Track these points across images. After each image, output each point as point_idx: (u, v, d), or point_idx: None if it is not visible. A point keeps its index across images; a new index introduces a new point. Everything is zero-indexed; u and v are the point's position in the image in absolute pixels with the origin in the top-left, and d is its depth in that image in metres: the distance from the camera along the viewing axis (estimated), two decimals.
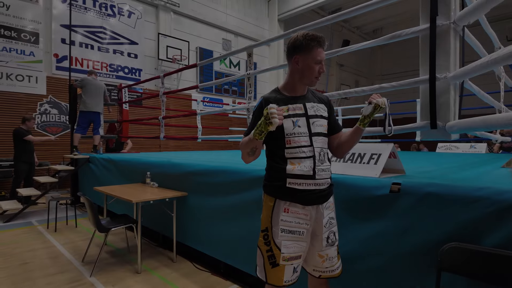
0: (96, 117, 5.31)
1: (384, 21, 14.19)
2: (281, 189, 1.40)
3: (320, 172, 1.40)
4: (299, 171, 1.37)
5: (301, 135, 1.39)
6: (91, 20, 7.86)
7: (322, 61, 1.38)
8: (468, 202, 1.35)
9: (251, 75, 2.97)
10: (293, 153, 1.39)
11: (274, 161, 1.44)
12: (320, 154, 1.41)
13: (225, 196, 2.55)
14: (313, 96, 1.51)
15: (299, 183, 1.37)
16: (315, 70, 1.38)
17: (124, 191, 3.16)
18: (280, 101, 1.42)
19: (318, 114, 1.45)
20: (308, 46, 1.37)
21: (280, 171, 1.40)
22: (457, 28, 1.86)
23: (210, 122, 9.71)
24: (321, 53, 1.37)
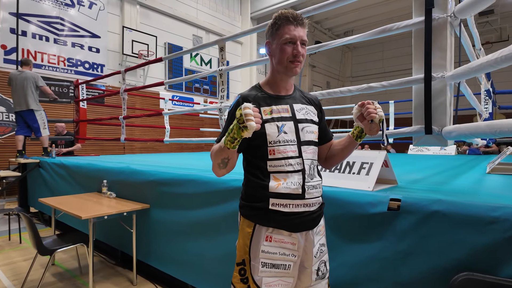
0: (28, 116, 4.52)
1: (354, 23, 14.38)
2: (262, 212, 1.11)
3: (311, 189, 1.13)
4: (285, 189, 1.09)
5: (288, 144, 1.11)
6: (47, 10, 7.13)
7: (295, 40, 1.10)
8: (483, 224, 1.13)
9: (224, 72, 2.66)
10: (277, 166, 1.11)
11: (254, 175, 1.15)
12: (310, 167, 1.15)
13: (194, 210, 2.22)
14: (301, 96, 1.24)
15: (285, 204, 1.10)
16: (286, 51, 1.10)
17: (75, 203, 2.72)
18: (261, 100, 1.15)
19: (308, 119, 1.19)
20: (275, 25, 1.13)
21: (261, 188, 1.11)
22: (454, 23, 1.67)
23: (179, 122, 9.23)
24: (291, 30, 1.10)
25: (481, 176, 2.30)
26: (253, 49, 11.40)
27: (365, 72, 16.57)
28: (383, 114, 1.10)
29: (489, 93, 3.94)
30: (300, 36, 1.10)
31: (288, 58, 1.11)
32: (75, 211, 2.37)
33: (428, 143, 1.72)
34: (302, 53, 1.12)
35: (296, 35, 1.10)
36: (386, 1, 11.60)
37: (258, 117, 0.95)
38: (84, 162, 3.54)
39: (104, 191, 2.98)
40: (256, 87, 1.21)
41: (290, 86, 1.22)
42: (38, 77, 4.61)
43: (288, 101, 1.18)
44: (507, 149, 2.81)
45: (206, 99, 10.41)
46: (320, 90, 15.20)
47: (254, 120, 0.92)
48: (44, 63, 7.02)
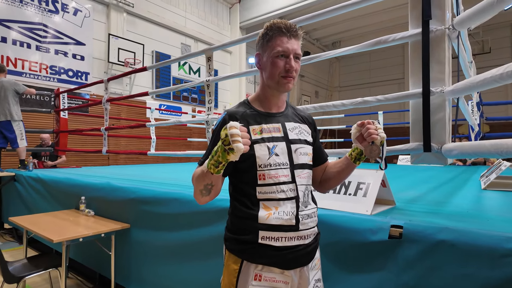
0: (5, 126, 4.23)
1: (342, 34, 14.59)
2: (250, 247, 0.98)
3: (305, 219, 1.01)
4: (276, 220, 0.97)
5: (280, 167, 0.99)
6: (30, 16, 6.89)
7: (287, 53, 0.99)
8: (496, 257, 1.02)
9: (211, 82, 2.54)
10: (268, 192, 0.98)
11: (241, 203, 1.02)
12: (305, 193, 1.03)
13: (177, 231, 2.06)
14: (294, 114, 1.13)
15: (277, 237, 0.97)
16: (278, 66, 0.99)
17: (49, 222, 2.52)
18: (250, 118, 1.03)
19: (302, 139, 1.07)
20: (266, 36, 1.02)
21: (250, 219, 0.98)
22: (452, 35, 1.60)
23: (166, 131, 9.02)
24: (283, 42, 0.99)
25: (478, 192, 2.22)
26: (242, 59, 11.35)
27: (353, 82, 16.76)
28: (385, 135, 1.00)
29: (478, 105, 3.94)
30: (294, 49, 1.00)
31: (280, 73, 1.00)
32: (47, 232, 2.18)
33: (427, 161, 1.62)
34: (296, 68, 1.01)
35: (289, 48, 0.99)
36: (373, 12, 11.78)
37: (247, 138, 0.83)
38: (62, 176, 3.33)
39: (82, 208, 2.78)
40: (244, 103, 1.10)
41: (282, 102, 1.10)
42: (16, 84, 4.37)
43: (280, 119, 1.06)
44: (499, 163, 2.76)
45: (195, 108, 10.25)
46: (308, 99, 15.35)
47: (242, 141, 0.80)
48: (25, 70, 6.76)
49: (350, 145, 1.17)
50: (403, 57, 14.83)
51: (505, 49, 12.35)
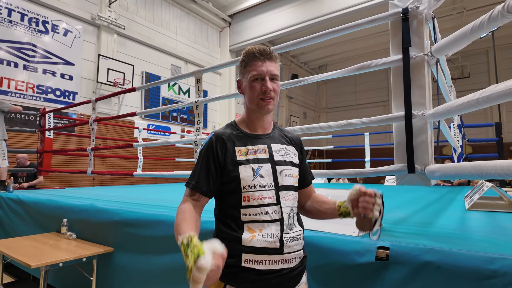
0: None
1: (329, 58, 15.08)
2: (234, 270, 0.95)
3: (290, 242, 0.99)
4: (260, 242, 0.95)
5: (264, 189, 0.99)
6: (19, 36, 6.88)
7: (263, 76, 1.02)
8: (479, 278, 1.03)
9: (200, 103, 2.56)
10: (252, 214, 0.98)
11: (226, 225, 1.01)
12: (290, 216, 1.02)
13: (164, 254, 2.00)
14: (281, 136, 1.14)
15: (261, 260, 0.95)
16: (255, 89, 1.03)
17: (28, 246, 2.41)
18: (236, 140, 1.05)
19: (288, 160, 1.08)
20: (243, 62, 1.07)
21: (233, 241, 0.97)
22: (431, 61, 1.68)
23: (154, 151, 8.93)
24: (258, 66, 1.03)
25: (462, 213, 2.26)
26: (231, 80, 11.52)
27: (339, 104, 17.17)
28: (378, 213, 0.94)
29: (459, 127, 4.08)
30: (269, 71, 1.03)
31: (258, 95, 1.03)
32: (25, 257, 2.08)
33: (412, 182, 1.66)
34: (273, 88, 1.03)
35: (264, 71, 1.02)
36: (358, 38, 12.27)
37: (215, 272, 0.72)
38: (44, 198, 3.23)
39: (64, 231, 2.68)
40: (231, 125, 1.12)
41: (268, 124, 1.12)
42: (1, 102, 4.30)
43: (266, 140, 1.08)
44: (482, 183, 2.83)
45: (184, 128, 10.23)
46: (297, 120, 15.56)
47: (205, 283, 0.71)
48: (11, 89, 6.66)
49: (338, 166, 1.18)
50: (388, 80, 15.35)
51: (483, 74, 12.96)
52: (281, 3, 10.41)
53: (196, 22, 10.97)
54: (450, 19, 10.51)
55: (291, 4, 10.22)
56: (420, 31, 1.65)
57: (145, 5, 9.38)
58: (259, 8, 10.86)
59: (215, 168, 1.02)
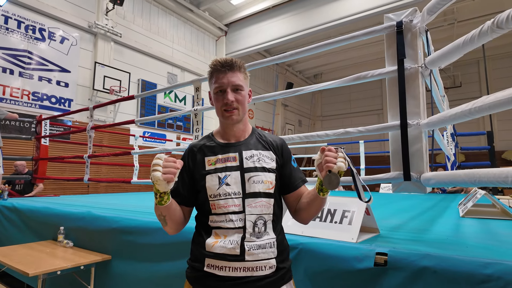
0: None
1: (324, 67, 15.30)
2: (199, 274, 1.00)
3: (255, 250, 0.97)
4: (220, 248, 0.97)
5: (230, 197, 1.00)
6: (15, 43, 6.88)
7: (224, 88, 1.03)
8: (475, 283, 1.07)
9: (199, 111, 2.59)
10: (218, 221, 1.01)
11: (198, 231, 1.08)
12: (256, 224, 0.99)
13: (162, 262, 2.00)
14: (258, 142, 1.11)
15: (221, 266, 0.97)
16: (218, 100, 1.06)
17: (24, 255, 2.39)
18: (207, 150, 1.09)
19: (259, 166, 1.04)
20: (208, 75, 1.10)
21: (199, 246, 1.03)
22: (424, 73, 1.74)
23: (150, 159, 8.90)
24: (219, 78, 1.04)
25: (457, 220, 2.30)
26: None
27: (334, 112, 17.35)
28: (344, 165, 0.90)
29: (452, 136, 4.16)
30: (231, 82, 1.03)
31: (222, 107, 1.05)
32: (21, 265, 2.07)
33: (407, 190, 1.70)
34: (236, 99, 1.03)
35: (224, 82, 1.03)
36: (353, 47, 12.48)
37: (171, 168, 0.87)
38: (40, 205, 3.20)
39: (60, 239, 2.67)
40: (208, 136, 1.16)
41: (240, 132, 1.10)
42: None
43: (238, 148, 1.07)
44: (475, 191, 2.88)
45: (179, 135, 10.23)
46: (292, 127, 15.66)
47: (163, 171, 0.86)
48: (6, 96, 6.63)
49: None
50: (381, 89, 15.59)
51: (474, 83, 13.23)
52: (277, 13, 10.57)
53: (192, 31, 11.07)
54: (442, 30, 10.77)
55: (287, 14, 10.39)
56: (414, 44, 1.72)
57: (142, 14, 9.45)
58: (255, 17, 11.01)
59: (187, 178, 1.06)
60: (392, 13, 1.81)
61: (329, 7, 9.54)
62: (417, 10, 1.75)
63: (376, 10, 8.64)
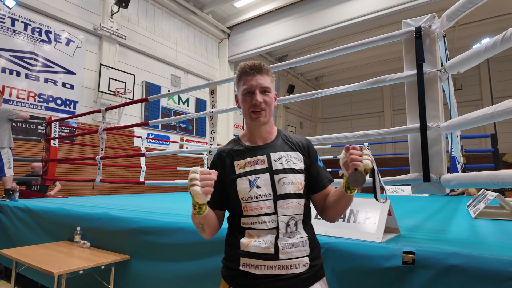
0: None
1: (325, 69, 15.36)
2: (235, 273, 1.03)
3: (288, 248, 1.00)
4: (255, 248, 1.00)
5: (261, 199, 1.02)
6: (21, 45, 6.92)
7: (253, 89, 1.07)
8: (502, 280, 1.11)
9: (214, 114, 2.64)
10: (250, 223, 1.03)
11: (231, 231, 1.11)
12: (288, 224, 1.02)
13: (182, 262, 2.04)
14: (284, 143, 1.13)
15: (256, 265, 0.99)
16: (246, 102, 1.08)
17: (42, 254, 2.42)
18: (236, 154, 1.11)
19: (288, 168, 1.06)
20: (237, 78, 1.13)
21: (234, 246, 1.05)
22: (443, 77, 1.79)
23: (154, 161, 8.93)
24: (248, 80, 1.08)
25: (470, 221, 2.34)
26: (230, 90, 11.64)
27: (335, 114, 17.42)
28: (370, 163, 0.93)
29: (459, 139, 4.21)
30: (259, 84, 1.07)
31: (250, 108, 1.08)
32: (44, 265, 2.10)
33: (427, 191, 1.74)
34: (264, 101, 1.07)
35: (253, 84, 1.07)
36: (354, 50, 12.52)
37: (208, 180, 0.88)
38: (54, 206, 3.23)
39: (77, 239, 2.70)
40: (234, 140, 1.18)
41: (268, 134, 1.13)
42: (9, 111, 4.32)
43: (266, 150, 1.10)
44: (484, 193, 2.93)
45: (183, 137, 10.26)
46: (294, 129, 15.71)
47: (201, 184, 0.87)
48: (12, 98, 6.67)
49: (337, 175, 1.20)
50: (382, 92, 15.68)
51: (475, 86, 13.32)
52: (280, 16, 10.64)
53: (196, 33, 11.13)
54: None
55: (289, 17, 10.46)
56: (433, 49, 1.77)
57: (146, 16, 9.51)
58: (258, 20, 11.08)
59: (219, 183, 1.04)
60: (410, 19, 1.86)
61: (331, 10, 9.62)
62: (436, 16, 1.80)
63: (378, 14, 8.72)
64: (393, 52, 12.01)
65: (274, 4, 10.44)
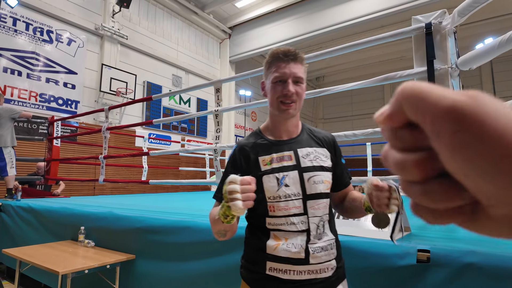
0: None
1: (326, 69, 15.34)
2: (259, 277, 0.95)
3: (318, 252, 0.93)
4: (284, 252, 0.92)
5: (290, 199, 0.94)
6: (22, 45, 6.91)
7: (285, 78, 0.96)
8: None
9: (220, 112, 2.62)
10: (278, 224, 0.95)
11: (253, 232, 1.01)
12: (318, 226, 0.95)
13: (190, 261, 2.02)
14: (310, 138, 1.05)
15: (285, 269, 0.92)
16: (276, 91, 0.97)
17: (46, 254, 2.40)
18: (260, 148, 1.01)
19: (317, 165, 0.99)
20: (267, 64, 1.02)
21: (259, 248, 0.96)
22: (453, 74, 1.77)
23: (155, 161, 8.91)
24: (280, 67, 0.96)
25: None
26: (231, 90, 11.63)
27: (336, 114, 17.41)
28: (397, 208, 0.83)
29: None
30: (293, 73, 0.96)
31: (279, 98, 0.97)
32: (49, 264, 2.07)
33: None
34: (296, 91, 0.96)
35: (286, 72, 0.96)
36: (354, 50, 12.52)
37: (250, 191, 0.77)
38: (58, 206, 3.21)
39: (81, 239, 2.67)
40: (255, 133, 1.08)
41: (294, 127, 1.04)
42: (12, 110, 4.29)
43: (293, 145, 1.01)
44: None
45: (184, 137, 10.25)
46: None
47: (243, 197, 0.74)
48: (14, 97, 6.65)
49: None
50: (383, 92, 15.66)
51: (476, 86, 13.29)
52: (281, 16, 10.64)
53: (197, 33, 11.12)
54: None
55: (290, 17, 10.45)
56: (444, 45, 1.74)
57: (148, 16, 9.50)
58: (259, 20, 11.08)
59: None
60: (420, 15, 1.84)
61: (332, 11, 9.61)
62: (446, 12, 1.78)
63: (379, 14, 8.71)
64: (394, 52, 12.01)
65: (275, 4, 10.44)
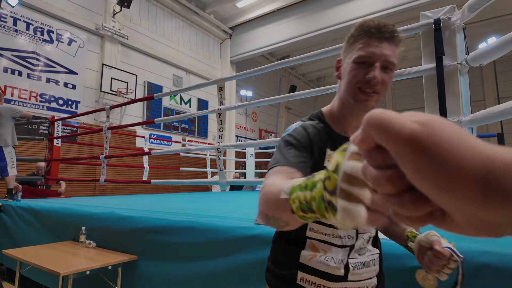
0: None
1: (326, 70, 15.33)
2: (287, 285, 0.84)
3: (359, 269, 0.82)
4: (320, 265, 0.80)
5: None
6: (23, 44, 6.88)
7: (372, 59, 0.72)
8: None
9: (223, 111, 2.58)
10: (321, 233, 0.82)
11: (287, 235, 0.87)
12: (363, 243, 0.84)
13: (193, 262, 1.98)
14: None
15: (318, 284, 0.80)
16: (357, 73, 0.73)
17: (47, 254, 2.36)
18: (327, 139, 0.81)
19: None
20: (351, 38, 0.76)
21: (292, 254, 0.84)
22: (463, 70, 1.73)
23: (156, 161, 8.87)
24: (369, 45, 0.71)
25: None
26: (232, 90, 11.60)
27: None
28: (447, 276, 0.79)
29: None
30: (384, 55, 0.71)
31: (358, 83, 0.74)
32: (50, 265, 2.03)
33: None
34: (382, 80, 0.72)
35: (375, 53, 0.71)
36: None
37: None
38: (58, 206, 3.17)
39: (82, 239, 2.63)
40: (318, 117, 0.86)
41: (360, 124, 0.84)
42: (13, 109, 4.25)
43: None
44: None
45: (185, 137, 10.21)
46: None
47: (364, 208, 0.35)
48: (14, 98, 6.62)
49: None
50: None
51: (477, 86, 13.28)
52: (281, 16, 10.62)
53: (197, 34, 11.10)
54: None
55: (291, 17, 10.43)
56: (453, 41, 1.71)
57: (148, 16, 9.48)
58: (260, 20, 11.06)
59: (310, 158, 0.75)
60: (429, 11, 1.81)
61: (333, 11, 9.59)
62: (455, 7, 1.74)
63: (379, 14, 8.67)
64: None
65: (276, 4, 10.42)
